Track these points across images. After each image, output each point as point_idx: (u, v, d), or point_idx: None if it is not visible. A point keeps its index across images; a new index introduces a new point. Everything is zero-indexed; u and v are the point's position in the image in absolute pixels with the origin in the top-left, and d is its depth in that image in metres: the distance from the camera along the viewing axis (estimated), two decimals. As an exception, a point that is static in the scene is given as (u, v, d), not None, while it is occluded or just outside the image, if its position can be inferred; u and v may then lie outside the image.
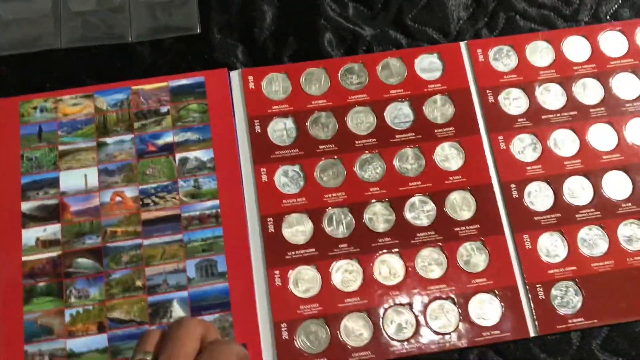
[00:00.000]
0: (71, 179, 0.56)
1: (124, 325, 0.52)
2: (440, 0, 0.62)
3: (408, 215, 0.56)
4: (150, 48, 0.61)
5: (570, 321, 0.53)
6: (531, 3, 0.62)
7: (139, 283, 0.53)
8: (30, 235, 0.54)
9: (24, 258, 0.54)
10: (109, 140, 0.57)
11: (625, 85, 0.60)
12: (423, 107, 0.59)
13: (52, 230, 0.55)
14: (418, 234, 0.55)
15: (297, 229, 0.55)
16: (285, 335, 0.52)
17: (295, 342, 0.52)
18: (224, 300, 0.53)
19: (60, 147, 0.57)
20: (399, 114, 0.59)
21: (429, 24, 0.62)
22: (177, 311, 0.53)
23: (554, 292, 0.53)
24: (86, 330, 0.52)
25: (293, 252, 0.54)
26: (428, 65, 0.60)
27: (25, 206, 0.55)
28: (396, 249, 0.55)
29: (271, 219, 0.55)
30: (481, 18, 0.62)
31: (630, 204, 0.56)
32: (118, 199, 0.56)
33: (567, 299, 0.53)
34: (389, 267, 0.54)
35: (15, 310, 0.53)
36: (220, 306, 0.53)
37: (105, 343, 0.52)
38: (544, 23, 0.62)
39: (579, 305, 0.53)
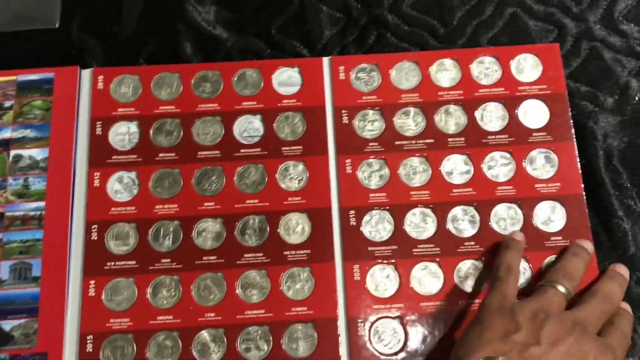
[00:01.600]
0: None
1: None
2: (310, 12, 0.59)
3: (239, 234, 0.53)
4: (5, 38, 0.59)
5: (387, 360, 0.50)
6: (405, 20, 0.59)
7: (-50, 280, 0.52)
8: None
9: None
10: (-54, 130, 0.56)
11: (491, 116, 0.57)
12: (274, 123, 0.56)
13: None
14: (245, 255, 0.53)
15: (121, 239, 0.53)
16: (90, 347, 0.50)
17: (100, 356, 0.50)
18: (32, 305, 0.51)
19: None
20: (248, 128, 0.57)
21: (295, 36, 0.59)
22: (-17, 313, 0.51)
23: (376, 328, 0.51)
24: None
25: (113, 263, 0.53)
26: (287, 79, 0.58)
27: None
28: (220, 269, 0.52)
29: (96, 225, 0.54)
30: (350, 32, 0.59)
31: (473, 243, 0.53)
32: (-56, 192, 0.54)
33: (389, 339, 0.50)
34: (209, 287, 0.52)
35: None
36: (28, 311, 0.51)
37: None
38: (416, 43, 0.59)
39: (400, 345, 0.50)
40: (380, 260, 0.53)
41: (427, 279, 0.52)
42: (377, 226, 0.53)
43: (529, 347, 0.42)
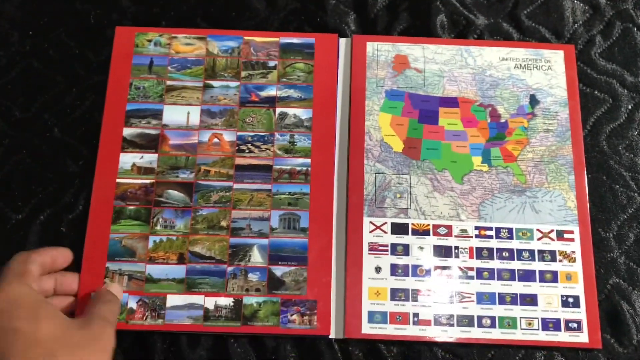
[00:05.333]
0: (174, 114, 0.58)
1: (203, 260, 0.54)
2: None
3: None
4: (265, 2, 0.62)
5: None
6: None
7: (223, 223, 0.55)
8: (127, 159, 0.57)
9: (118, 180, 0.56)
10: (215, 83, 0.59)
11: None
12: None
13: (148, 158, 0.57)
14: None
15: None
16: (355, 299, 0.53)
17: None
18: (301, 254, 0.54)
19: (168, 82, 0.59)
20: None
21: (543, 23, 0.62)
22: (256, 256, 0.54)
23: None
24: (167, 259, 0.54)
25: (375, 222, 0.55)
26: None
27: (127, 131, 0.57)
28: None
29: (358, 185, 0.56)
30: (597, 25, 0.62)
31: None
32: (215, 140, 0.57)
33: None
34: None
35: (103, 228, 0.55)
36: (297, 259, 0.54)
37: (182, 274, 0.54)
38: (660, 41, 0.61)
39: None
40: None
41: None
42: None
43: None
